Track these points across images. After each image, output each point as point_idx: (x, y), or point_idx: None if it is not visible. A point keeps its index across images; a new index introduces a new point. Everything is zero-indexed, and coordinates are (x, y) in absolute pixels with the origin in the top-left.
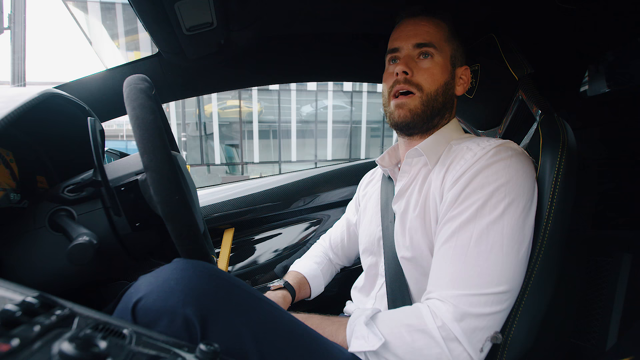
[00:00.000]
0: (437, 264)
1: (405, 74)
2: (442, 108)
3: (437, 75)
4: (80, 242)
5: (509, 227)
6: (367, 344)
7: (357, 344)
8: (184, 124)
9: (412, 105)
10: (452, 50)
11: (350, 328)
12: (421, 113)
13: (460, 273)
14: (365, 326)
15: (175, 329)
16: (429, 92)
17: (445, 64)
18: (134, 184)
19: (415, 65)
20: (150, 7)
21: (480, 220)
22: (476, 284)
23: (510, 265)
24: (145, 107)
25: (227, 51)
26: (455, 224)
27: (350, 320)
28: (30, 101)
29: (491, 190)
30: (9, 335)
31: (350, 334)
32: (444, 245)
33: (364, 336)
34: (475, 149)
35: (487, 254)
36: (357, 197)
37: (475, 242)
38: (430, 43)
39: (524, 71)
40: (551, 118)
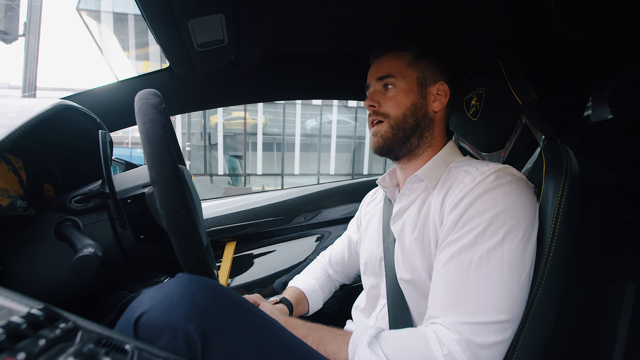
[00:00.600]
0: (437, 286)
1: (372, 107)
2: (416, 127)
3: (401, 100)
4: (86, 253)
5: (508, 254)
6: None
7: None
8: (189, 133)
9: (383, 131)
10: (419, 72)
11: (353, 347)
12: (392, 136)
13: (463, 299)
14: (368, 347)
15: (176, 345)
16: (396, 116)
17: (409, 87)
18: (140, 196)
19: (382, 97)
20: (164, 24)
21: (480, 246)
22: (479, 312)
23: (512, 293)
24: (155, 122)
25: (236, 67)
26: (454, 248)
27: (353, 338)
28: (44, 112)
29: (491, 216)
30: (15, 349)
31: (353, 354)
32: (444, 267)
33: (366, 358)
34: (475, 173)
35: (487, 281)
36: (358, 216)
37: (475, 268)
38: (390, 74)
39: (528, 96)
40: (554, 143)
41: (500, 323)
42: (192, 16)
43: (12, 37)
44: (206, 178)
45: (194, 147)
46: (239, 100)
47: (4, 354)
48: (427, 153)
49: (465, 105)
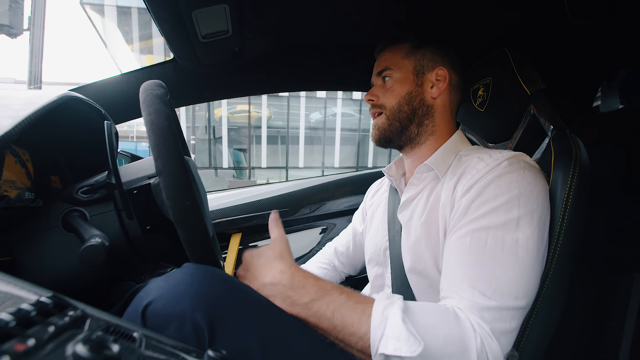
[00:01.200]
0: (452, 263)
1: (371, 101)
2: (413, 115)
3: (396, 90)
4: (93, 243)
5: (523, 240)
6: (408, 347)
7: (393, 346)
8: (194, 127)
9: (380, 122)
10: (415, 61)
11: (378, 321)
12: (388, 127)
13: (480, 278)
14: (402, 323)
15: (184, 333)
16: (390, 107)
17: (405, 77)
18: (146, 187)
19: (380, 90)
20: (168, 15)
21: (495, 230)
22: (499, 295)
23: (527, 278)
24: (160, 113)
25: (240, 58)
26: (468, 229)
27: (377, 309)
28: (50, 104)
29: (504, 200)
30: (25, 335)
31: (380, 329)
32: (458, 246)
33: (400, 337)
34: (488, 159)
35: (503, 263)
36: (363, 207)
37: (490, 249)
38: (387, 67)
39: (537, 86)
40: (563, 134)
41: (517, 309)
42: (196, 7)
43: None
44: (211, 171)
45: (198, 140)
46: (243, 92)
47: (14, 340)
48: (430, 141)
49: (472, 95)
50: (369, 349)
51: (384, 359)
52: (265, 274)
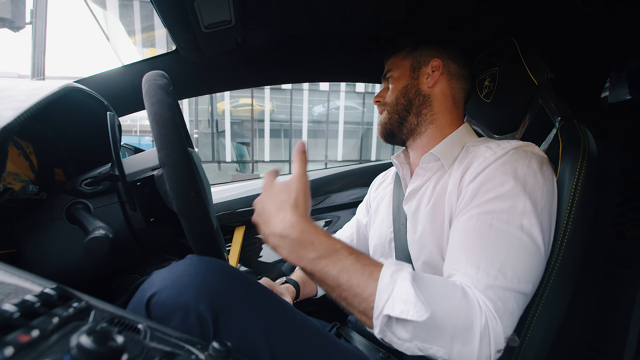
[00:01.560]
0: (457, 241)
1: (378, 102)
2: (410, 106)
3: (395, 87)
4: (97, 235)
5: (528, 226)
6: (416, 311)
7: (399, 308)
8: (197, 120)
9: (382, 119)
10: (413, 59)
11: (386, 282)
12: (389, 120)
13: (484, 256)
14: (412, 287)
15: (188, 324)
16: (390, 102)
17: (402, 74)
18: (149, 179)
19: (385, 91)
20: (170, 4)
21: (500, 215)
22: (502, 275)
23: (530, 264)
24: (163, 104)
25: (243, 49)
26: (474, 212)
27: (385, 272)
28: (52, 95)
29: (510, 187)
30: (29, 326)
31: (389, 291)
32: (464, 226)
33: (409, 301)
34: (496, 148)
35: (508, 245)
36: (367, 199)
37: (496, 231)
38: (388, 70)
39: (544, 76)
40: (571, 124)
41: (520, 293)
42: None
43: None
44: (214, 165)
45: (201, 134)
46: (246, 84)
47: (18, 331)
48: (431, 129)
49: (478, 86)
50: (371, 310)
51: (386, 322)
52: (276, 223)
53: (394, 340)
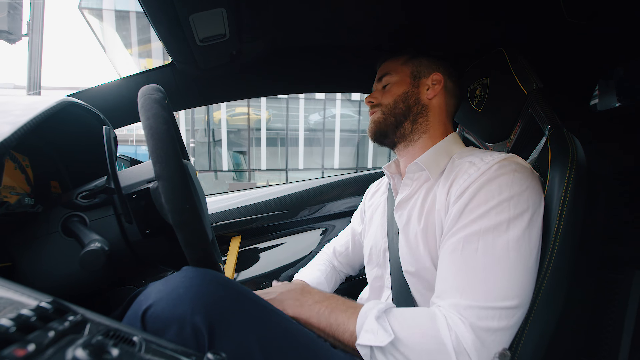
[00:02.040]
0: (444, 272)
1: (371, 103)
2: (408, 112)
3: (392, 90)
4: (93, 248)
5: (514, 241)
6: (376, 338)
7: (365, 338)
8: (193, 130)
9: (375, 117)
10: (413, 67)
11: (361, 320)
12: (383, 120)
13: (470, 284)
14: (375, 320)
15: (184, 337)
16: (387, 104)
17: (402, 80)
18: (145, 191)
19: (379, 93)
20: (165, 19)
21: (486, 234)
22: (486, 297)
23: (518, 279)
24: (158, 117)
25: (238, 61)
26: (460, 236)
27: (362, 311)
28: (49, 109)
29: (495, 204)
30: (25, 341)
31: (360, 326)
32: (450, 254)
33: (373, 330)
34: (479, 163)
35: (493, 267)
36: (362, 207)
37: (481, 255)
38: (386, 73)
39: (533, 85)
40: (560, 133)
41: (506, 309)
42: (193, 11)
43: (16, 36)
44: (211, 174)
45: (198, 143)
46: (242, 95)
47: (14, 345)
48: (423, 139)
49: (470, 95)
50: (355, 344)
51: (368, 351)
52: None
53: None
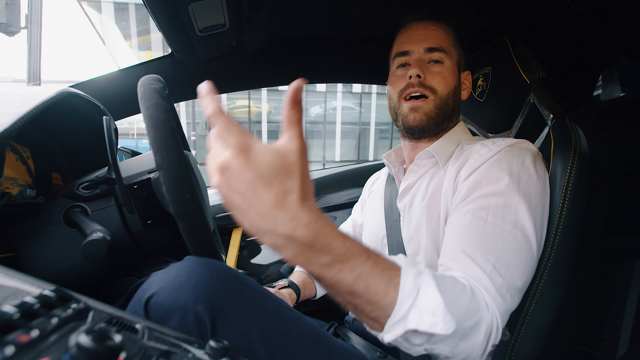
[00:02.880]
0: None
1: (418, 77)
2: (452, 112)
3: (448, 79)
4: (95, 238)
5: (521, 223)
6: (444, 324)
7: (428, 321)
8: (194, 123)
9: (427, 108)
10: (458, 55)
11: (409, 290)
12: (435, 116)
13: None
14: (440, 295)
15: (186, 325)
16: (442, 95)
17: (454, 68)
18: (146, 182)
19: (427, 68)
20: (164, 9)
21: (495, 210)
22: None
23: (524, 260)
24: (159, 107)
25: (239, 52)
26: (469, 208)
27: (407, 278)
28: (48, 100)
29: (504, 184)
30: (29, 327)
31: (412, 299)
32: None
33: (437, 313)
34: (491, 145)
35: (502, 243)
36: (362, 199)
37: (490, 226)
38: (442, 48)
39: (536, 75)
40: (563, 122)
41: (514, 288)
42: (193, 0)
43: (15, 29)
44: None
45: (199, 136)
46: (242, 86)
47: (18, 331)
48: (443, 132)
49: (472, 85)
50: (386, 318)
51: (403, 333)
52: (280, 221)
53: (405, 345)
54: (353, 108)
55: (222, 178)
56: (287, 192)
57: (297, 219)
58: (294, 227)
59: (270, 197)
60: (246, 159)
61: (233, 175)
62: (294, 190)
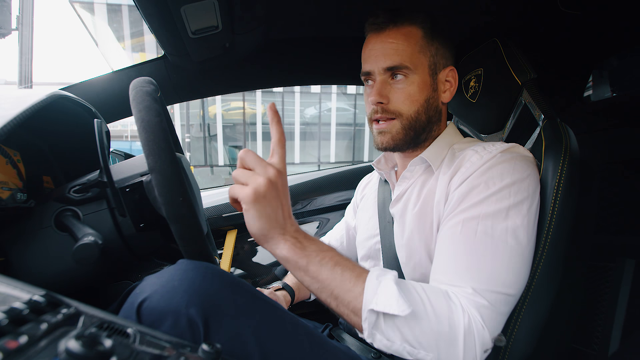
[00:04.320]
0: (443, 251)
1: (381, 104)
2: (428, 124)
3: (414, 95)
4: (86, 242)
5: (513, 229)
6: (397, 306)
7: (384, 303)
8: (188, 125)
9: (394, 131)
10: (430, 57)
11: (374, 283)
12: (403, 137)
13: (473, 266)
14: (395, 285)
15: (179, 328)
16: (408, 115)
17: (423, 80)
18: (138, 185)
19: (390, 89)
20: (156, 11)
21: (485, 220)
22: (492, 281)
23: (515, 268)
24: (150, 110)
25: (232, 54)
26: (459, 218)
27: (372, 275)
28: (39, 103)
29: (496, 190)
30: (17, 333)
31: (374, 289)
32: (449, 235)
33: (393, 295)
34: (482, 152)
35: (493, 252)
36: (355, 201)
37: (480, 238)
38: (401, 65)
39: (528, 76)
40: (554, 123)
41: (506, 295)
42: (185, 2)
43: (5, 31)
44: (207, 169)
45: (193, 138)
46: (236, 88)
47: (7, 337)
48: (429, 141)
49: (464, 87)
50: (360, 310)
51: (374, 320)
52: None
53: (383, 342)
54: (347, 109)
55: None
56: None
57: (291, 219)
58: (290, 224)
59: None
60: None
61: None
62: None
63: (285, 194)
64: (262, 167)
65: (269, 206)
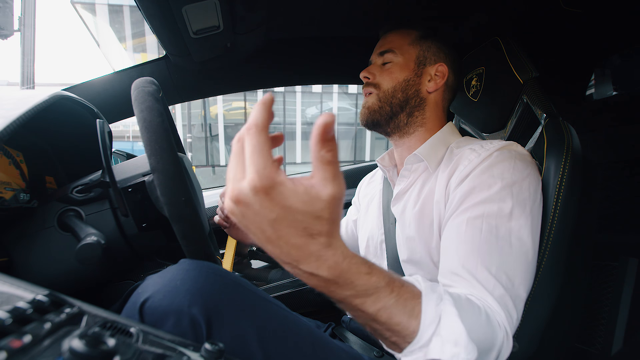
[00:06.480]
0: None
1: (367, 79)
2: (405, 103)
3: (394, 73)
4: (89, 241)
5: (516, 229)
6: (466, 355)
7: (450, 351)
8: (190, 125)
9: (370, 102)
10: (420, 51)
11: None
12: (378, 109)
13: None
14: (462, 324)
15: (182, 328)
16: (385, 89)
17: (405, 63)
18: (141, 185)
19: (378, 70)
20: (158, 11)
21: (489, 219)
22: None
23: (522, 268)
24: (152, 110)
25: (233, 54)
26: (463, 217)
27: (428, 306)
28: (41, 103)
29: (497, 189)
30: (21, 332)
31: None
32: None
33: (460, 343)
34: (479, 150)
35: (500, 253)
36: (356, 200)
37: (486, 235)
38: (390, 49)
39: (529, 75)
40: (556, 122)
41: (519, 298)
42: (187, 2)
43: (7, 32)
44: (208, 169)
45: (195, 138)
46: (237, 88)
47: (11, 337)
48: (419, 132)
49: (466, 86)
50: (406, 344)
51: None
52: (306, 261)
53: None
54: (349, 109)
55: (237, 208)
56: (313, 235)
57: (321, 260)
58: (317, 267)
59: (294, 240)
60: (268, 198)
61: (250, 209)
62: (321, 234)
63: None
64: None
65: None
